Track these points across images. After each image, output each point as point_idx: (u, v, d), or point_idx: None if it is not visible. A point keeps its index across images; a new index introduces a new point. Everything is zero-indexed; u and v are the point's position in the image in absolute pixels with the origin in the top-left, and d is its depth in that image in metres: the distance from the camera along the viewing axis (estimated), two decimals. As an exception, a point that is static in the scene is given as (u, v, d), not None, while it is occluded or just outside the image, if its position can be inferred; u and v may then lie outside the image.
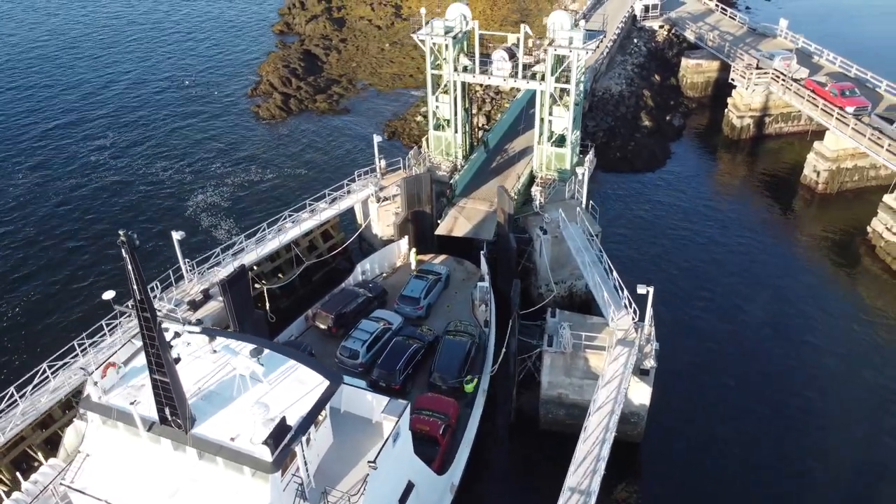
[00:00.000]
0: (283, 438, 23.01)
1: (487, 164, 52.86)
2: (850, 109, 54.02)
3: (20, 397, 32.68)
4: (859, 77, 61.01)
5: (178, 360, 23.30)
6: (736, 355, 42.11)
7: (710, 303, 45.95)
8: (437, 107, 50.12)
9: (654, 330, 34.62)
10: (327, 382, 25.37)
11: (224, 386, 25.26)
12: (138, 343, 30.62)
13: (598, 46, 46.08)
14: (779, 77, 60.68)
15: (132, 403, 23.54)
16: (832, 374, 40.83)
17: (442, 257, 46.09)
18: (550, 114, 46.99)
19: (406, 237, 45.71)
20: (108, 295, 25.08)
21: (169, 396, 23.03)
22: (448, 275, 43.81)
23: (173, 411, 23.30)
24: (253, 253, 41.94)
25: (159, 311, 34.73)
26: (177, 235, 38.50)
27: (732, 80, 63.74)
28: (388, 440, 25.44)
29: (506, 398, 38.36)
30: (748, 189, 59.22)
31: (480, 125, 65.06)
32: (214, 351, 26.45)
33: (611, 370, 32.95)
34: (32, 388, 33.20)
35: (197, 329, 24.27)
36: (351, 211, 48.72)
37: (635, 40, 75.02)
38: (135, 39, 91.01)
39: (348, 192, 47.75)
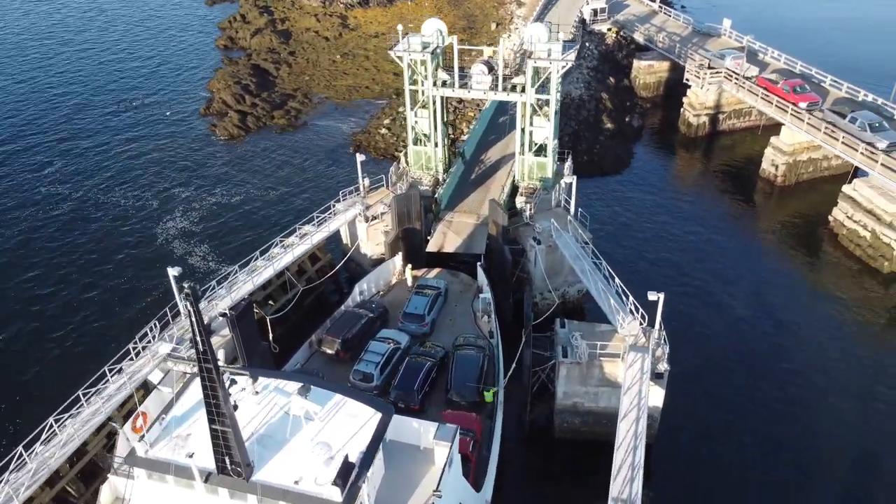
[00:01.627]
0: (349, 476, 22.80)
1: (467, 176, 53.31)
2: (803, 105, 56.99)
3: (29, 456, 31.06)
4: (804, 73, 64.36)
5: (236, 407, 22.76)
6: (726, 349, 43.82)
7: (696, 304, 47.50)
8: (415, 122, 50.16)
9: (665, 333, 35.77)
10: (379, 414, 25.25)
11: (275, 428, 24.78)
12: (164, 389, 29.91)
13: (575, 57, 47.13)
14: (731, 76, 63.39)
15: (190, 456, 22.83)
16: (817, 359, 43.06)
17: (436, 271, 46.18)
18: (531, 124, 47.78)
19: (399, 254, 45.62)
20: (166, 348, 24.22)
21: (228, 445, 22.47)
22: (446, 288, 43.97)
23: (233, 460, 22.74)
24: (249, 283, 41.02)
25: (156, 352, 34.15)
26: (173, 272, 37.08)
27: (687, 80, 66.19)
28: (446, 466, 25.54)
29: (519, 409, 38.87)
30: (712, 184, 61.69)
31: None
32: (256, 392, 25.92)
33: (629, 377, 33.84)
34: (41, 445, 31.63)
35: (245, 372, 23.74)
36: (335, 231, 48.18)
37: (587, 44, 76.81)
38: (73, 61, 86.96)
39: (333, 213, 47.24)
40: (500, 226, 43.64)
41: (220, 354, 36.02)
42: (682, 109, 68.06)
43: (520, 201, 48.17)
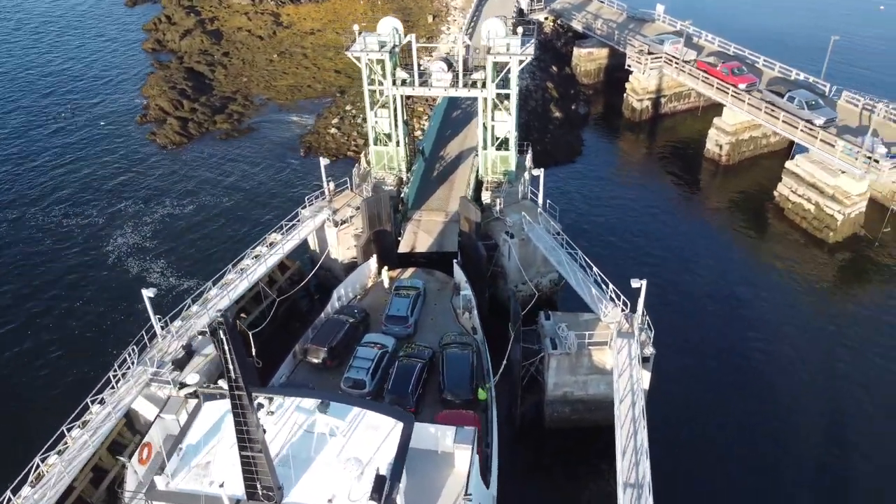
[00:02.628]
0: (383, 490, 22.76)
1: (429, 174, 53.36)
2: (742, 86, 59.47)
3: (18, 501, 29.50)
4: (738, 55, 67.03)
5: (264, 431, 22.33)
6: (690, 326, 45.30)
7: (658, 284, 48.26)
8: (376, 122, 49.77)
9: (649, 318, 36.93)
10: (401, 423, 25.22)
11: (297, 447, 24.42)
12: (168, 417, 28.98)
13: (534, 50, 47.69)
14: (671, 60, 65.47)
15: (221, 486, 22.28)
16: (778, 328, 45.30)
17: (410, 270, 46.14)
18: (493, 119, 48.20)
19: (374, 257, 45.33)
20: (193, 378, 23.43)
21: (259, 471, 22.07)
22: (424, 288, 44.00)
23: (264, 485, 22.35)
24: (225, 298, 40.00)
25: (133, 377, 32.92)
26: (147, 293, 36.01)
27: (629, 66, 67.92)
28: (472, 469, 25.78)
29: (509, 404, 39.42)
30: (661, 167, 63.68)
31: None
32: (271, 412, 25.47)
33: (620, 362, 34.88)
34: (29, 488, 30.13)
35: (272, 395, 23.32)
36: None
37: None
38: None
39: (300, 220, 46.41)
40: (473, 222, 43.93)
41: (197, 376, 34.85)
42: (625, 95, 69.86)
43: (486, 196, 48.56)
